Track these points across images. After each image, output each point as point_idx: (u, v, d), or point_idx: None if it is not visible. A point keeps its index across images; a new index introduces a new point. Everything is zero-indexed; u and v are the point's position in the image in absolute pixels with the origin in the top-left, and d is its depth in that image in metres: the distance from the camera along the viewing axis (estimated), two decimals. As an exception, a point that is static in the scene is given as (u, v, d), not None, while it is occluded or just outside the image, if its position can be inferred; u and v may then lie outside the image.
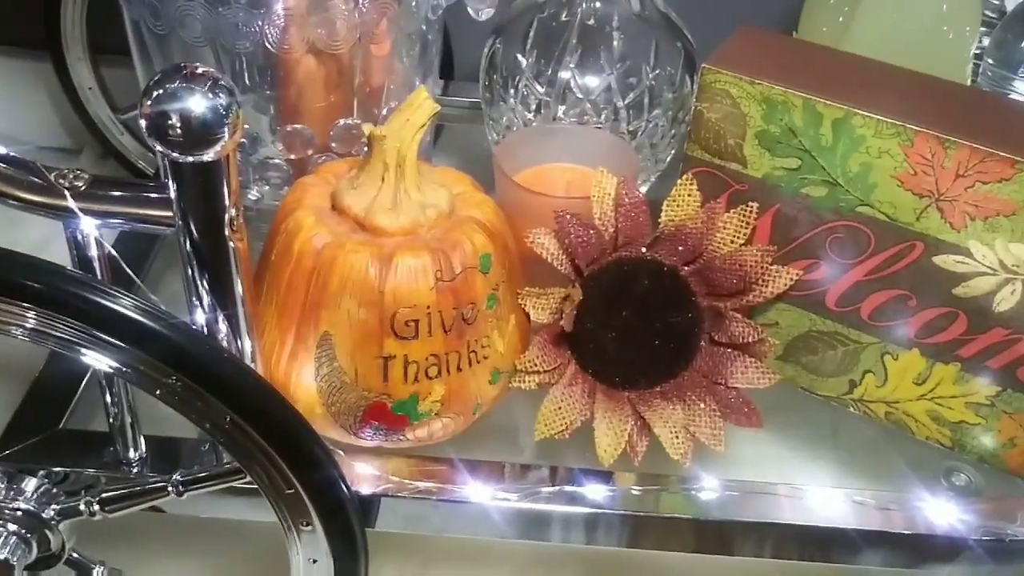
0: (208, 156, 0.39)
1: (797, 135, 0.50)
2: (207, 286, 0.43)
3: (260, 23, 0.51)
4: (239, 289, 0.43)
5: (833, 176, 0.50)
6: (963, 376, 0.52)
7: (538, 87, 0.65)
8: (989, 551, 0.50)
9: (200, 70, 0.39)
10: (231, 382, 0.41)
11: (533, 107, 0.66)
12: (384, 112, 0.58)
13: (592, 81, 0.64)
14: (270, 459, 0.43)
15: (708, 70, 0.51)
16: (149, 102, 0.38)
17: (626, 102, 0.65)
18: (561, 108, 0.65)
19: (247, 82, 0.55)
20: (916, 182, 0.48)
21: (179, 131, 0.38)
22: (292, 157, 0.57)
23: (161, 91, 0.38)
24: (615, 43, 0.64)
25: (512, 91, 0.66)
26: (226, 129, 0.38)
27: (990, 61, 0.59)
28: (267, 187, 0.58)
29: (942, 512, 0.50)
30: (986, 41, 0.61)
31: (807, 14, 0.67)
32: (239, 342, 0.45)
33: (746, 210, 0.52)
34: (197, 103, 0.38)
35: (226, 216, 0.41)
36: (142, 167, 0.80)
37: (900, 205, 0.49)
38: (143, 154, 0.80)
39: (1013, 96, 0.59)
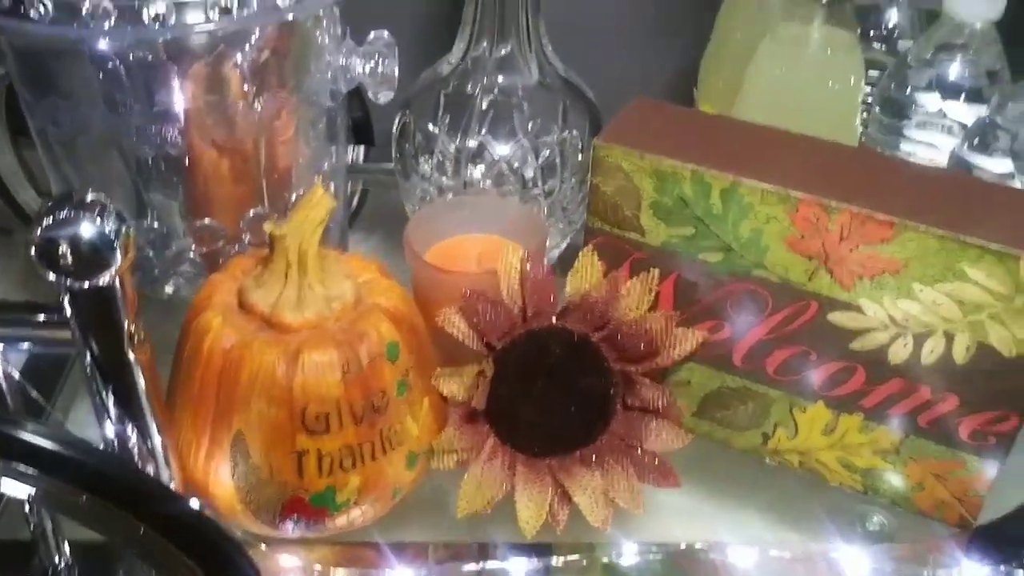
0: (102, 280, 0.39)
1: (689, 205, 0.51)
2: (113, 401, 0.43)
3: (159, 126, 0.51)
4: (146, 401, 0.44)
5: (727, 242, 0.51)
6: (868, 425, 0.53)
7: (451, 154, 0.66)
8: (904, 593, 0.51)
9: (89, 197, 0.39)
10: (140, 497, 0.41)
11: (449, 173, 0.67)
12: (294, 197, 0.59)
13: (504, 148, 0.66)
14: (188, 567, 0.44)
15: (600, 146, 0.52)
16: (39, 231, 0.39)
17: (539, 162, 0.67)
18: (477, 172, 0.66)
19: (154, 178, 0.56)
20: (804, 245, 0.50)
21: (69, 259, 0.39)
22: (204, 250, 0.57)
23: (50, 219, 0.39)
24: (524, 109, 0.66)
25: (425, 160, 0.67)
26: (117, 253, 0.39)
27: (877, 110, 0.61)
28: (182, 280, 0.59)
29: (858, 559, 0.52)
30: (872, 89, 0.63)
31: (705, 70, 0.69)
32: (150, 450, 0.45)
33: (647, 277, 0.53)
34: (86, 230, 0.39)
35: (125, 333, 0.42)
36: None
37: (792, 267, 0.50)
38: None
39: (903, 143, 0.61)
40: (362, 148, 0.84)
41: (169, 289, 0.59)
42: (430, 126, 0.66)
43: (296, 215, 0.48)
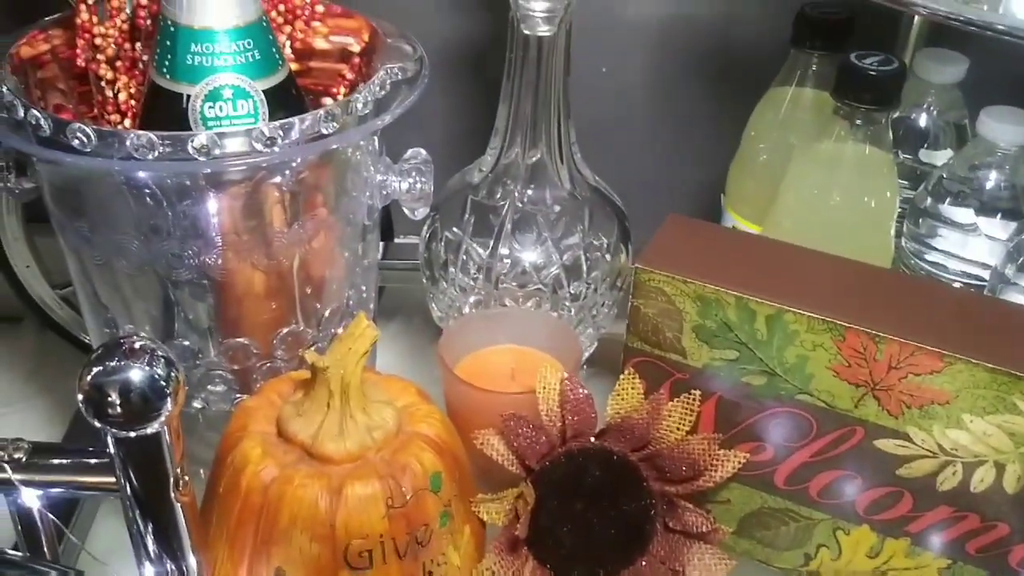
0: (151, 429, 0.39)
1: (733, 329, 0.51)
2: (154, 542, 0.42)
3: (196, 250, 0.51)
4: (187, 543, 0.43)
5: (771, 367, 0.51)
6: (914, 550, 0.52)
7: (479, 259, 0.66)
8: None
9: (138, 344, 0.39)
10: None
11: (473, 275, 0.66)
12: (328, 312, 0.58)
13: (531, 254, 0.65)
14: None
15: (642, 270, 0.52)
16: (88, 378, 0.38)
17: (564, 263, 0.66)
18: (507, 278, 0.66)
19: (187, 297, 0.55)
20: (851, 373, 0.49)
21: (119, 408, 0.38)
22: (235, 367, 0.57)
23: (100, 368, 0.38)
24: (552, 215, 0.65)
25: (452, 265, 0.66)
26: (168, 401, 0.38)
27: (910, 222, 0.61)
28: (212, 396, 0.58)
29: None
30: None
31: (733, 177, 0.69)
32: (191, 591, 0.44)
33: (689, 398, 0.52)
34: (136, 377, 0.38)
35: (171, 479, 0.41)
36: (82, 338, 0.79)
37: (838, 394, 0.50)
38: (82, 325, 0.79)
39: (934, 255, 0.61)
40: (382, 245, 0.84)
41: (198, 404, 0.58)
42: (455, 229, 0.66)
43: (339, 346, 0.47)
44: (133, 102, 0.57)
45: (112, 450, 0.39)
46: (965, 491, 0.49)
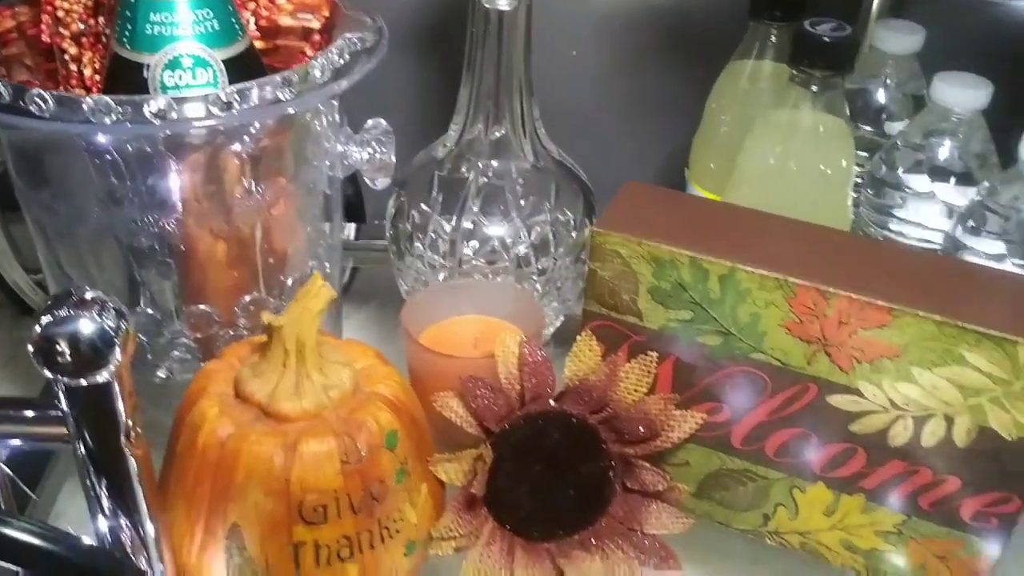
0: (100, 378, 0.39)
1: (687, 290, 0.51)
2: (107, 496, 0.43)
3: (156, 217, 0.51)
4: (140, 495, 0.43)
5: (725, 326, 0.51)
6: (869, 506, 0.53)
7: (446, 234, 0.66)
8: None
9: (89, 295, 0.39)
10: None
11: (442, 252, 0.67)
12: (289, 281, 0.59)
13: (497, 228, 0.66)
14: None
15: (597, 232, 0.52)
16: (39, 328, 0.38)
17: (532, 240, 0.67)
18: (469, 249, 0.66)
19: (150, 265, 0.56)
20: (803, 330, 0.50)
21: (68, 357, 0.38)
22: (199, 336, 0.57)
23: (50, 318, 0.38)
24: (517, 190, 0.66)
25: (419, 241, 0.67)
26: (117, 351, 0.39)
27: (868, 191, 0.62)
28: (175, 365, 0.59)
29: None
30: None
31: (696, 151, 0.70)
32: (144, 545, 0.45)
33: (646, 360, 0.53)
34: (85, 327, 0.38)
35: (122, 430, 0.41)
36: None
37: (791, 351, 0.51)
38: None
39: (893, 223, 0.62)
40: (353, 226, 0.85)
41: (162, 374, 0.59)
42: (423, 206, 0.67)
43: (295, 306, 0.48)
44: (98, 77, 0.58)
45: (63, 400, 0.40)
46: (916, 445, 0.50)
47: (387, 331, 0.75)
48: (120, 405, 0.40)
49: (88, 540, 0.43)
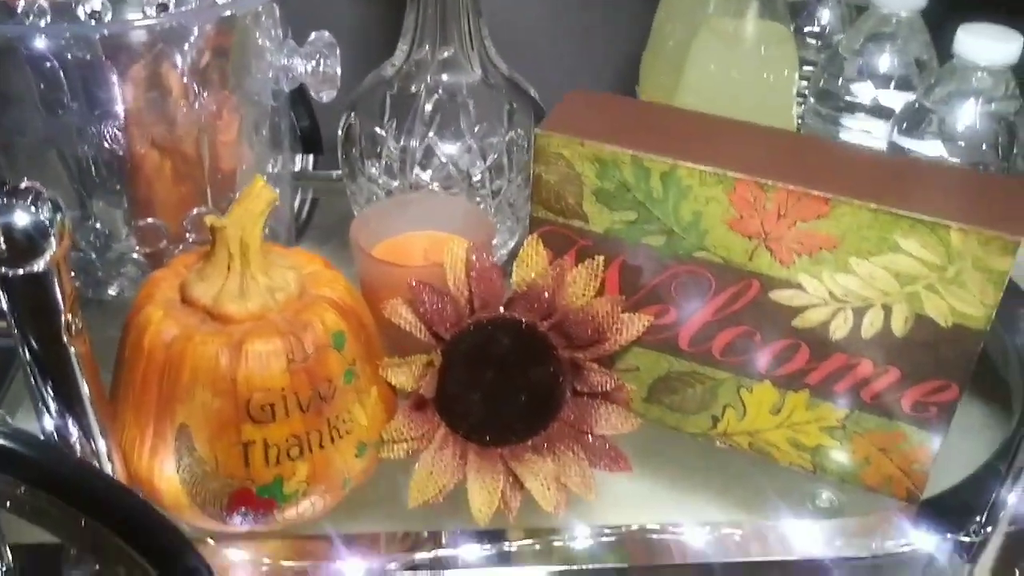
0: (36, 267, 0.39)
1: (630, 190, 0.52)
2: (52, 393, 0.43)
3: (98, 126, 0.51)
4: (85, 392, 0.44)
5: (668, 225, 0.52)
6: (813, 402, 0.54)
7: (398, 156, 0.66)
8: (856, 567, 0.52)
9: (23, 185, 0.39)
10: (79, 486, 0.41)
11: (396, 175, 0.67)
12: (237, 196, 0.59)
13: (450, 148, 0.66)
14: (132, 558, 0.43)
15: (541, 135, 0.53)
16: (-28, 219, 0.38)
17: (487, 164, 0.67)
18: (426, 175, 0.67)
19: (96, 179, 0.56)
20: (744, 225, 0.50)
21: (3, 246, 0.38)
22: (147, 251, 0.57)
23: (-18, 208, 0.38)
24: (470, 110, 0.66)
25: (372, 163, 0.67)
26: (52, 240, 0.39)
27: (813, 101, 0.63)
28: (126, 281, 0.58)
29: (808, 535, 0.52)
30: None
31: (645, 67, 0.70)
32: (92, 444, 0.45)
33: (593, 263, 0.53)
34: (20, 218, 0.38)
35: (62, 322, 0.41)
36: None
37: (732, 248, 0.51)
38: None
39: (841, 132, 0.62)
40: (311, 157, 0.85)
41: (113, 291, 0.59)
42: (377, 129, 0.67)
43: (237, 207, 0.48)
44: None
45: (2, 292, 0.40)
46: (856, 337, 0.51)
47: (347, 257, 0.75)
48: (58, 296, 0.40)
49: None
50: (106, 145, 0.52)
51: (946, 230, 0.46)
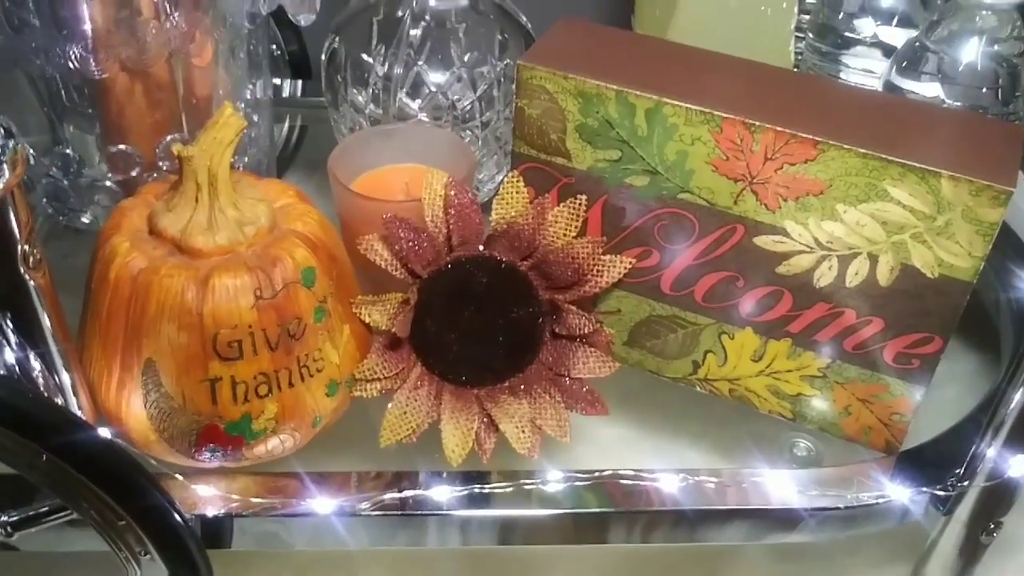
0: (-12, 196, 0.38)
1: (614, 127, 0.50)
2: (11, 325, 0.42)
3: (64, 47, 0.49)
4: (47, 324, 0.43)
5: (652, 165, 0.50)
6: (795, 350, 0.53)
7: (384, 84, 0.64)
8: (830, 517, 0.51)
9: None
10: (39, 422, 0.40)
11: (382, 104, 0.65)
12: (213, 125, 0.57)
13: (439, 77, 0.64)
14: (94, 493, 0.43)
15: (524, 66, 0.51)
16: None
17: (477, 94, 0.65)
18: (415, 105, 0.65)
19: (66, 103, 0.54)
20: (729, 167, 0.49)
21: (-47, 173, 0.37)
22: (120, 178, 0.56)
23: (-67, 134, 0.37)
24: (460, 38, 0.64)
25: (358, 90, 0.65)
26: (4, 167, 0.38)
27: (811, 36, 0.60)
28: (100, 209, 0.57)
29: (785, 484, 0.52)
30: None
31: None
32: (56, 377, 0.44)
33: (575, 203, 0.52)
34: (-30, 144, 0.37)
35: (19, 252, 0.40)
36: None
37: (717, 190, 0.50)
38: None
39: (841, 70, 0.60)
40: (300, 83, 0.82)
41: (86, 219, 0.58)
42: (363, 55, 0.65)
43: (204, 136, 0.46)
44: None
45: (-46, 221, 0.39)
46: (841, 286, 0.49)
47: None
48: (14, 225, 0.39)
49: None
50: (73, 67, 0.50)
51: (937, 178, 0.45)
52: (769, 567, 0.56)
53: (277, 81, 0.80)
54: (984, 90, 0.52)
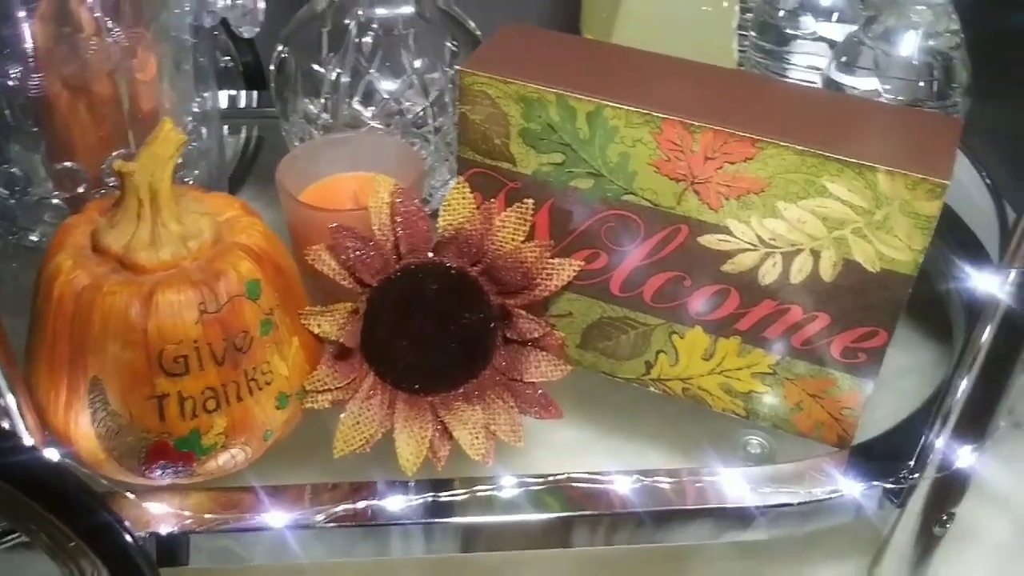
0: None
1: (556, 130, 0.50)
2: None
3: (3, 66, 0.49)
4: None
5: (596, 167, 0.51)
6: (745, 348, 0.53)
7: (335, 93, 0.64)
8: (784, 513, 0.51)
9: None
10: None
11: (334, 114, 0.65)
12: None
13: (392, 84, 0.64)
14: (42, 515, 0.42)
15: (465, 72, 0.51)
16: None
17: (429, 100, 0.65)
18: (368, 112, 0.65)
19: (10, 121, 0.54)
20: (671, 167, 0.49)
21: None
22: (67, 196, 0.55)
23: None
24: (410, 45, 0.64)
25: (309, 100, 0.65)
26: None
27: (754, 35, 0.61)
28: (48, 228, 0.57)
29: (739, 482, 0.52)
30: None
31: (587, 3, 0.67)
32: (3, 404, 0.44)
33: (522, 207, 0.52)
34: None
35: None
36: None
37: (660, 191, 0.50)
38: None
39: (785, 68, 0.61)
40: (256, 94, 0.82)
41: (35, 237, 0.57)
42: (314, 66, 0.65)
43: (144, 151, 0.46)
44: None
45: None
46: (785, 282, 0.50)
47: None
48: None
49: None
50: (14, 85, 0.50)
51: (873, 173, 0.45)
52: (737, 563, 0.56)
53: (233, 92, 0.80)
54: (921, 84, 0.53)
